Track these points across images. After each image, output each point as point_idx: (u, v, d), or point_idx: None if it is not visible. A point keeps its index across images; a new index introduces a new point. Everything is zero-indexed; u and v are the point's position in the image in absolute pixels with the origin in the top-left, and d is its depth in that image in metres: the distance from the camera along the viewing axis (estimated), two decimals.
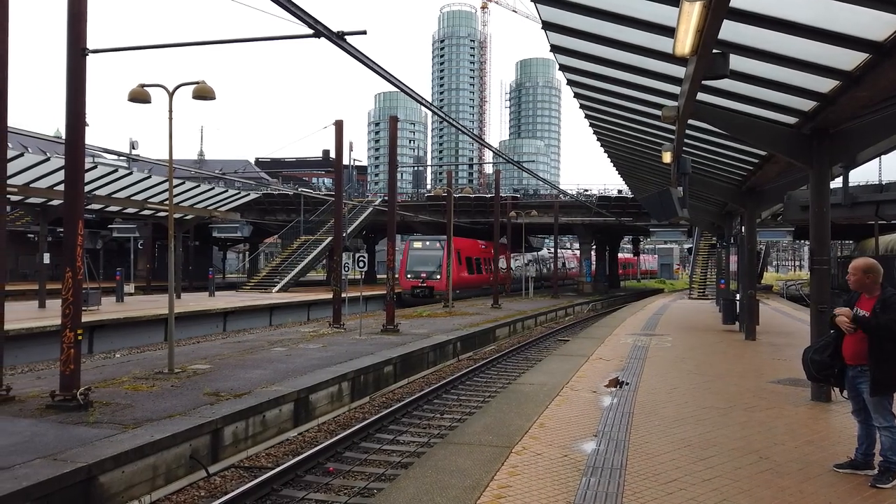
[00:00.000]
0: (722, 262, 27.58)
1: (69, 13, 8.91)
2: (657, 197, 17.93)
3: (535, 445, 6.55)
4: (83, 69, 8.95)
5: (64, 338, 8.67)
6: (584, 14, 7.57)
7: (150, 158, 28.46)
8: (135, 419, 8.02)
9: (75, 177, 9.05)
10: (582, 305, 36.87)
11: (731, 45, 6.69)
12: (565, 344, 17.27)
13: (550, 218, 42.63)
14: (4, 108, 9.10)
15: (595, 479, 5.51)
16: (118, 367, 12.00)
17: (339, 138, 19.68)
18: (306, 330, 18.52)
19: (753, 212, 15.75)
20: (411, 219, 44.68)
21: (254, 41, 11.77)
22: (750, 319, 15.85)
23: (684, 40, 5.32)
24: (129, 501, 6.84)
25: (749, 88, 8.16)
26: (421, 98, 14.47)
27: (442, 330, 19.13)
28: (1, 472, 6.05)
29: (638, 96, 10.48)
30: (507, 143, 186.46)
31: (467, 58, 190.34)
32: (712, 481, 5.45)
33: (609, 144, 17.00)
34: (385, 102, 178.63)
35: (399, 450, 9.09)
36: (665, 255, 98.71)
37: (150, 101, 11.17)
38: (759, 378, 10.44)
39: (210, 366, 12.05)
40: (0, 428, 7.56)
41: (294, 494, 7.38)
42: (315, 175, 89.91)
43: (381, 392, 12.98)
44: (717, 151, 13.06)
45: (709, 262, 37.92)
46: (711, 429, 7.20)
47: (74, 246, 8.79)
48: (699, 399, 8.82)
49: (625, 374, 10.61)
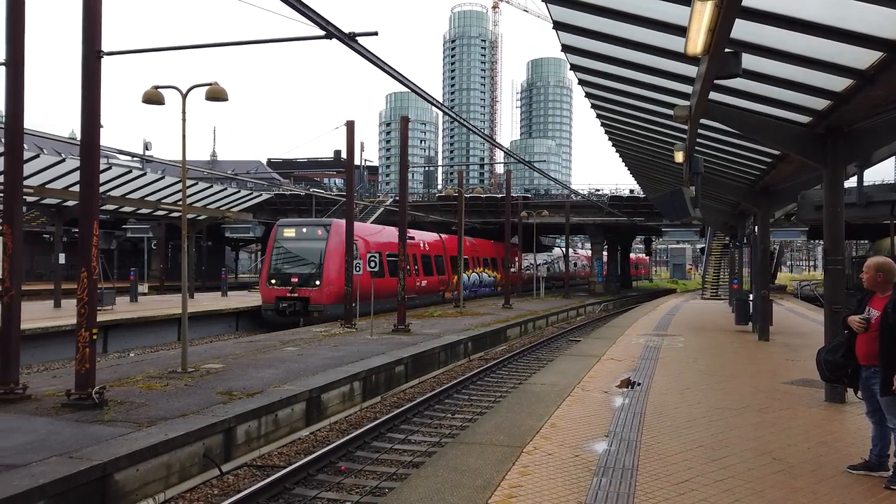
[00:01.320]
0: (735, 262, 27.40)
1: (84, 16, 9.00)
2: (669, 197, 17.87)
3: (547, 445, 6.55)
4: (98, 71, 9.05)
5: (79, 337, 8.76)
6: (595, 14, 7.56)
7: (164, 159, 28.73)
8: (149, 418, 8.10)
9: (90, 178, 9.14)
10: (593, 306, 36.74)
11: (743, 44, 6.66)
12: (577, 344, 17.23)
13: (562, 218, 42.51)
14: (21, 110, 9.22)
15: (606, 480, 5.50)
16: (132, 367, 12.11)
17: (350, 139, 19.74)
18: (318, 330, 18.60)
19: (767, 211, 15.64)
20: (422, 219, 44.73)
21: (266, 43, 11.85)
22: (763, 320, 15.74)
23: (696, 39, 5.30)
24: (144, 499, 6.91)
25: (762, 87, 8.12)
26: (432, 98, 14.50)
27: (453, 330, 19.14)
28: (17, 469, 6.13)
29: (650, 96, 10.44)
30: (518, 143, 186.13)
31: (478, 58, 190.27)
32: (725, 482, 5.43)
33: (621, 144, 16.94)
34: (396, 103, 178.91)
35: (410, 449, 9.12)
36: (677, 256, 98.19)
37: (163, 102, 11.25)
38: (772, 379, 10.37)
39: (223, 365, 12.14)
40: (16, 426, 7.66)
41: (306, 493, 7.42)
42: (326, 175, 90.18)
43: (393, 392, 13.01)
44: (729, 151, 12.98)
45: (721, 262, 37.66)
46: (724, 429, 7.16)
47: (89, 246, 8.88)
48: (712, 400, 8.77)
49: (637, 375, 10.57)
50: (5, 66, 9.18)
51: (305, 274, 23.28)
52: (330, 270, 22.98)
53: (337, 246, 22.98)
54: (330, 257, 23.08)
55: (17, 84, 9.18)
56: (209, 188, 28.75)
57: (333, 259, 22.93)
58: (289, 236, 24.38)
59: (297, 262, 23.81)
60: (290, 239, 24.34)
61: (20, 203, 9.42)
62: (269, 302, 23.24)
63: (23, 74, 9.20)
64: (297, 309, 22.77)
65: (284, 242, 24.38)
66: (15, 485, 5.71)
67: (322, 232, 23.86)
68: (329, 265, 23.04)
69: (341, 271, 21.92)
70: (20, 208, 9.40)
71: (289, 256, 24.13)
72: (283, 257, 24.13)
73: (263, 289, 23.82)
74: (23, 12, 9.20)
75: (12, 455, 6.52)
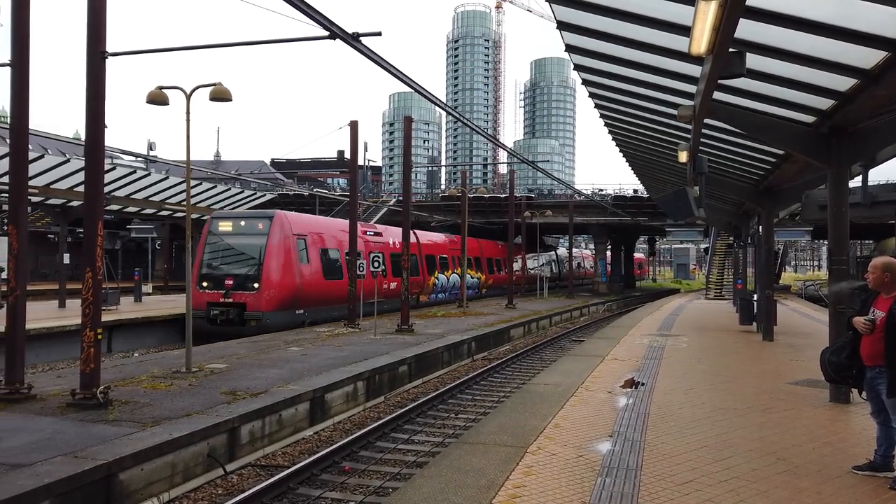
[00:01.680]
0: (739, 262, 27.34)
1: (89, 17, 9.03)
2: (673, 197, 17.84)
3: (551, 445, 6.55)
4: (103, 72, 9.07)
5: (84, 337, 8.78)
6: (599, 13, 7.56)
7: (168, 160, 28.78)
8: (153, 418, 8.12)
9: (95, 178, 9.16)
10: (597, 306, 36.71)
11: (747, 43, 6.65)
12: (580, 344, 17.21)
13: (565, 218, 42.49)
14: (26, 111, 9.26)
15: (610, 480, 5.50)
16: (137, 366, 12.15)
17: (353, 139, 19.76)
18: (322, 329, 18.61)
19: (771, 211, 15.62)
20: (426, 219, 44.75)
21: (270, 43, 11.88)
22: (767, 320, 15.71)
23: (700, 39, 5.30)
24: (148, 498, 6.93)
25: (766, 87, 8.10)
26: (435, 98, 14.52)
27: (456, 330, 19.15)
28: (22, 468, 6.16)
29: (654, 95, 10.43)
30: (521, 143, 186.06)
31: (482, 58, 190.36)
32: (729, 482, 5.42)
33: (625, 144, 16.92)
34: (400, 103, 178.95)
35: (414, 449, 9.12)
36: (681, 256, 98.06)
37: (168, 103, 11.29)
38: (776, 379, 10.35)
39: (227, 365, 12.16)
40: (22, 426, 7.69)
41: (310, 493, 7.43)
42: (330, 175, 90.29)
43: (396, 392, 13.02)
44: (733, 150, 12.96)
45: (725, 262, 37.61)
46: (728, 430, 7.15)
47: (94, 246, 8.91)
48: (716, 400, 8.76)
49: (640, 375, 10.56)
50: (10, 67, 9.21)
51: (242, 275, 19.48)
52: (271, 271, 19.25)
53: (281, 242, 19.66)
54: (272, 255, 19.41)
55: (23, 85, 9.20)
56: (213, 188, 28.84)
57: (276, 257, 19.45)
58: (224, 231, 20.39)
59: (233, 261, 20.12)
60: (226, 234, 20.36)
61: (25, 203, 9.45)
62: (200, 308, 18.51)
63: (28, 75, 9.23)
64: (231, 317, 18.90)
65: (219, 238, 20.32)
66: (20, 484, 5.73)
67: (263, 226, 19.89)
68: (270, 265, 19.29)
69: (287, 273, 19.56)
70: (25, 208, 9.43)
71: (224, 254, 20.21)
72: (218, 255, 20.18)
73: (195, 292, 17.78)
74: (28, 14, 9.23)
75: (18, 454, 6.54)
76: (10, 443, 6.96)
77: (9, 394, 8.86)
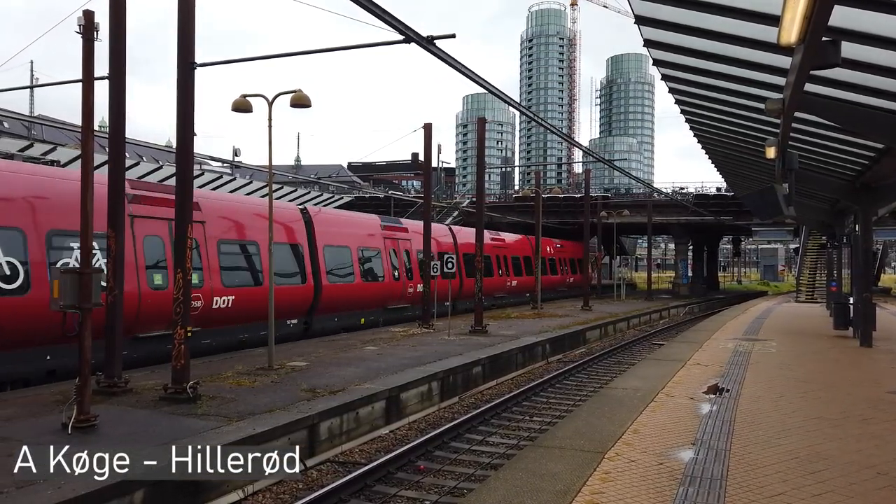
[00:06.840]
0: (833, 262, 25.83)
1: (179, 31, 9.53)
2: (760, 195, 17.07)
3: (629, 452, 6.38)
4: (192, 81, 9.55)
5: (175, 335, 9.26)
6: (678, 6, 7.33)
7: (251, 165, 29.97)
8: (238, 412, 8.46)
9: (185, 185, 9.65)
10: (678, 308, 35.51)
11: (842, 31, 6.27)
12: (660, 348, 16.71)
13: (643, 217, 41.32)
14: (122, 121, 9.84)
15: (693, 490, 5.30)
16: (222, 363, 12.68)
17: (427, 141, 19.93)
18: (397, 330, 18.87)
19: (869, 209, 14.66)
20: (499, 219, 44.62)
21: (349, 49, 12.12)
22: (865, 324, 14.76)
23: (790, 28, 5.03)
24: (233, 490, 7.22)
25: (863, 77, 7.62)
26: (509, 98, 14.43)
27: (530, 331, 18.98)
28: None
29: (738, 89, 10.01)
30: (597, 142, 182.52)
31: (556, 56, 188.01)
32: (823, 496, 5.11)
33: (707, 141, 16.32)
34: (473, 104, 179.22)
35: (488, 451, 9.10)
36: (768, 256, 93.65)
37: (251, 110, 11.72)
38: (876, 388, 9.69)
39: (306, 363, 12.51)
40: (119, 417, 8.18)
41: (386, 490, 7.54)
42: (404, 178, 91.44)
43: (470, 392, 13.03)
44: (826, 145, 12.26)
45: (818, 262, 35.59)
46: (822, 441, 6.75)
47: (184, 247, 9.38)
48: (808, 409, 8.29)
49: (725, 381, 10.13)
50: (108, 80, 9.81)
51: None
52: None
53: None
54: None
55: (119, 96, 9.78)
56: (294, 192, 29.77)
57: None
58: None
59: None
60: None
61: (123, 208, 10.03)
62: None
63: (124, 87, 9.81)
64: None
65: None
66: None
67: None
68: None
69: None
70: (123, 213, 10.01)
71: None
72: None
73: None
74: (124, 31, 9.80)
75: (116, 444, 6.96)
76: (113, 432, 7.42)
77: (108, 387, 9.44)
